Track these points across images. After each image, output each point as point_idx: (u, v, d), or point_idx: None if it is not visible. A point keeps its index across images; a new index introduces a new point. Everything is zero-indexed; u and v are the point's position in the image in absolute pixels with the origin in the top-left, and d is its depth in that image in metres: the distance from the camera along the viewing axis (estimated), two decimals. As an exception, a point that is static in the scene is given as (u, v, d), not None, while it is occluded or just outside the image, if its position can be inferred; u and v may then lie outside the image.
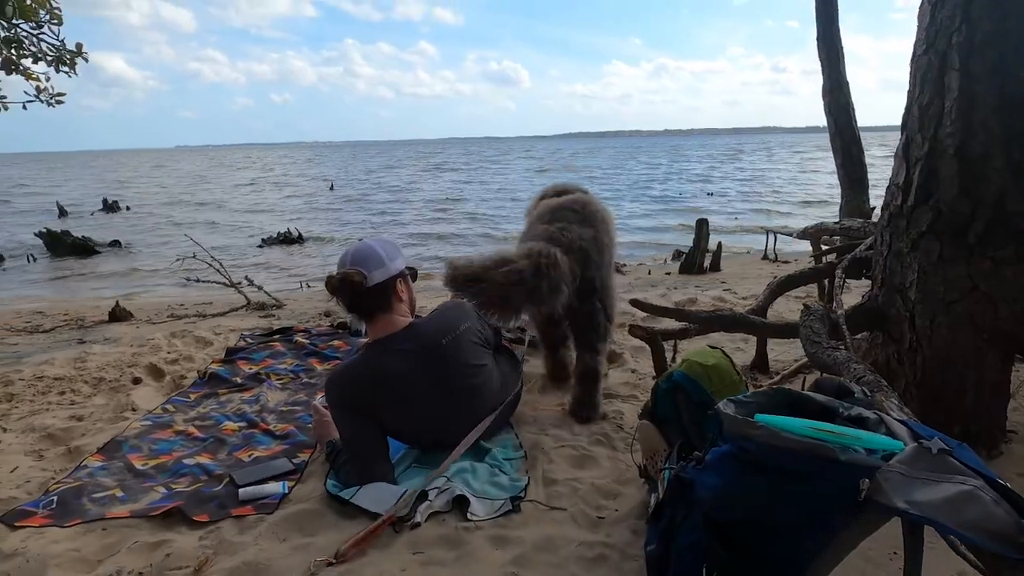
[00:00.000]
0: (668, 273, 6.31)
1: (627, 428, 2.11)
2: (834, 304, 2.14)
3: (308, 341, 3.22)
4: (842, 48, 4.80)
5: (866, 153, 4.98)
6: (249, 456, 2.01)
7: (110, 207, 17.48)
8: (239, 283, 4.94)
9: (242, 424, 2.26)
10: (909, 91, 1.79)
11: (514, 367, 2.21)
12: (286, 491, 1.76)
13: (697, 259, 6.19)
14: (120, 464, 1.98)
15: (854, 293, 3.86)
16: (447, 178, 29.05)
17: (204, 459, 2.00)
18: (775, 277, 5.85)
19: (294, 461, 1.96)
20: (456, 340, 1.84)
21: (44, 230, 10.45)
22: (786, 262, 6.90)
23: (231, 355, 3.05)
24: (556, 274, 1.91)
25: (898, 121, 1.88)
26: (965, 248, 1.65)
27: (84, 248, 10.19)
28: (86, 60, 2.24)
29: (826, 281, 2.90)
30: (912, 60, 1.79)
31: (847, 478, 0.87)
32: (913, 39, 1.78)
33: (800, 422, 0.96)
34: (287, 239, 11.23)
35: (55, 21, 2.14)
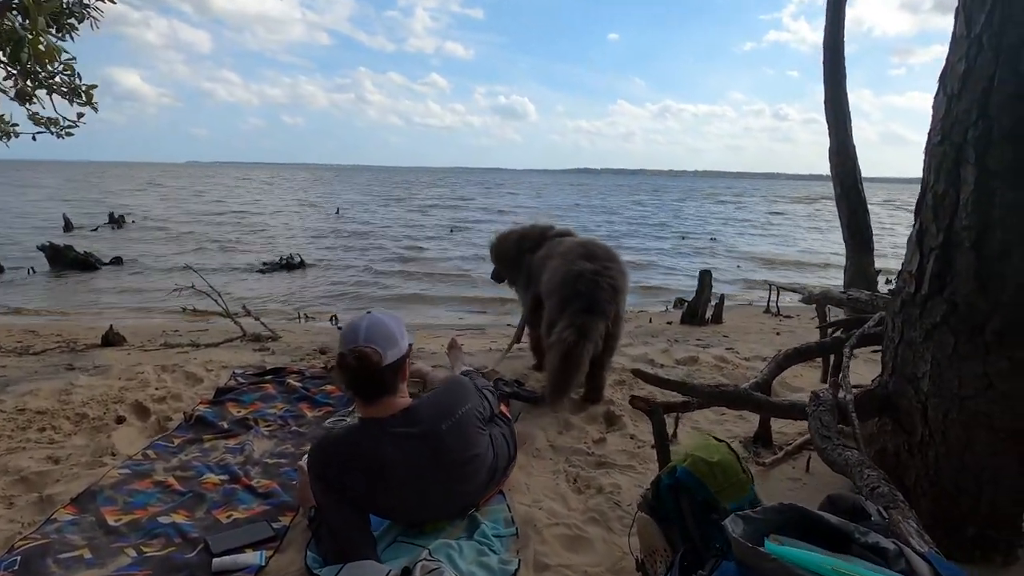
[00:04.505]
0: (669, 323, 6.25)
1: (624, 505, 2.02)
2: (840, 379, 2.09)
3: (300, 384, 3.14)
4: (849, 111, 4.86)
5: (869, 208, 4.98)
6: (228, 517, 1.92)
7: (116, 221, 17.58)
8: (236, 313, 4.89)
9: (224, 478, 2.17)
10: (923, 178, 1.77)
11: (509, 436, 2.13)
12: (263, 563, 1.67)
13: (699, 310, 6.14)
14: (91, 519, 1.89)
15: (859, 359, 3.80)
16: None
17: (180, 518, 1.91)
18: (777, 333, 5.78)
19: (274, 525, 1.87)
20: (457, 425, 1.76)
21: (47, 243, 10.45)
22: (788, 317, 6.85)
23: (220, 396, 2.98)
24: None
25: (899, 174, 1.85)
26: (982, 345, 1.60)
27: (85, 264, 10.17)
28: (95, 109, 2.23)
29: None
30: (926, 148, 1.76)
31: (867, 631, 0.80)
32: (912, 93, 1.77)
33: (815, 557, 0.89)
34: (289, 265, 11.23)
35: (67, 72, 2.14)
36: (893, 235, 19.79)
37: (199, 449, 2.43)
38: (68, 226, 15.78)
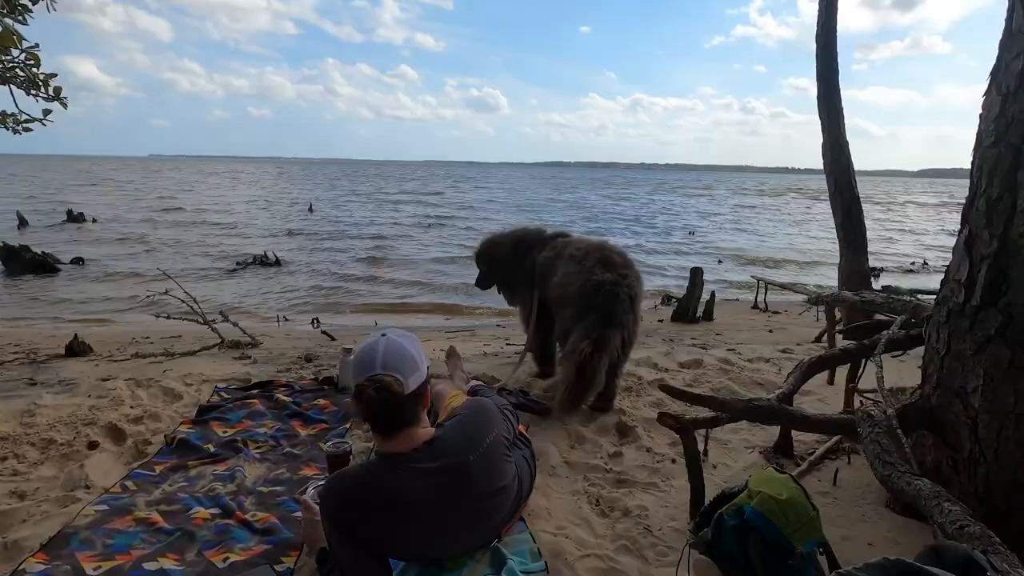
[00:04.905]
0: (660, 320, 6.19)
1: (655, 531, 1.90)
2: (877, 388, 2.01)
3: (290, 399, 2.94)
4: (842, 108, 4.82)
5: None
6: (224, 560, 1.73)
7: (75, 219, 16.71)
8: (213, 320, 4.62)
9: (215, 511, 1.97)
10: (973, 182, 1.68)
11: (530, 458, 1.98)
12: (269, 616, 1.49)
13: (691, 308, 6.09)
14: (66, 567, 1.68)
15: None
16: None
17: (169, 562, 1.71)
18: (769, 330, 5.74)
19: (278, 568, 1.68)
20: (484, 455, 1.59)
21: (0, 243, 9.82)
22: (776, 312, 6.86)
23: (203, 414, 2.75)
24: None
25: (860, 166, 1.75)
26: (1041, 359, 1.52)
27: (44, 265, 9.57)
28: (64, 105, 1.99)
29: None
30: (976, 150, 1.68)
31: None
32: (872, 87, 1.67)
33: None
34: (263, 262, 10.83)
35: (31, 62, 1.89)
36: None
37: (184, 478, 2.21)
38: (22, 223, 14.95)
